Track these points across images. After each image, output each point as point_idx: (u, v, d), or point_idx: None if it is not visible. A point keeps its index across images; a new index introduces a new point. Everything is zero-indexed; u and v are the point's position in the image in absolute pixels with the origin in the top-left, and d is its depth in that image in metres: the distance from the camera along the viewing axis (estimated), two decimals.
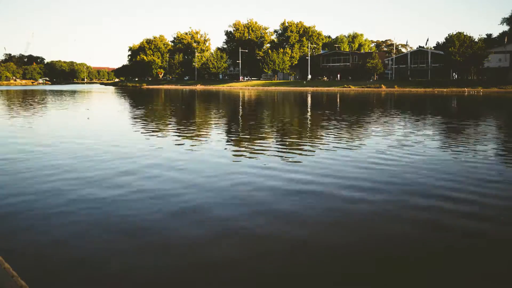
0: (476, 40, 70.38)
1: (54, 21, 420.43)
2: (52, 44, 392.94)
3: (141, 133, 16.00)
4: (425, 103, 39.00)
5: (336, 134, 15.34)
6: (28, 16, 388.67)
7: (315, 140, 14.17)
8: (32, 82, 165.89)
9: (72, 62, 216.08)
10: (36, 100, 42.41)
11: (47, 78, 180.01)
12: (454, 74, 75.82)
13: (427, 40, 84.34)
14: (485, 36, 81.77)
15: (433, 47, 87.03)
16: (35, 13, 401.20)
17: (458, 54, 68.48)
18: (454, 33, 71.13)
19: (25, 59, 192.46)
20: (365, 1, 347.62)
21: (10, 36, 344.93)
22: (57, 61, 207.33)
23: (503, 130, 17.96)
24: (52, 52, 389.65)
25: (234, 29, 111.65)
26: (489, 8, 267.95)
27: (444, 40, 72.75)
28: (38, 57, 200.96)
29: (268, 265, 4.74)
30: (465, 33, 70.35)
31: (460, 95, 52.14)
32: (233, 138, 14.88)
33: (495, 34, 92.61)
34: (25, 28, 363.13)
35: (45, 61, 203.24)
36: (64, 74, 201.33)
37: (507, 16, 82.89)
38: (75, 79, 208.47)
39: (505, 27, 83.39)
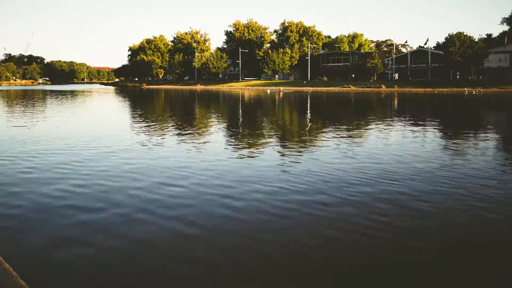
0: (476, 40, 70.29)
1: (54, 21, 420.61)
2: (52, 44, 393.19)
3: (146, 137, 15.99)
4: (428, 104, 38.97)
5: (335, 137, 15.33)
6: (28, 16, 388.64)
7: (315, 144, 14.17)
8: (32, 82, 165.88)
9: (72, 62, 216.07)
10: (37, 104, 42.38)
11: (47, 78, 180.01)
12: (457, 75, 75.72)
13: (427, 39, 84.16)
14: (485, 36, 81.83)
15: (433, 47, 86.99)
16: (35, 13, 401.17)
17: (458, 54, 68.40)
18: (454, 33, 71.04)
19: (25, 59, 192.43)
20: (365, 1, 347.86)
21: (10, 36, 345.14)
22: (57, 61, 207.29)
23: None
24: (52, 52, 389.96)
25: (234, 29, 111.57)
26: (489, 8, 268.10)
27: (444, 40, 72.64)
28: (38, 57, 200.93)
29: (268, 265, 4.73)
30: (465, 33, 70.26)
31: (460, 95, 52.14)
32: (234, 143, 14.90)
33: (495, 34, 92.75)
34: (25, 28, 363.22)
35: (45, 61, 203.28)
36: (64, 74, 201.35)
37: (507, 16, 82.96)
38: (75, 79, 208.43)
39: (505, 27, 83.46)
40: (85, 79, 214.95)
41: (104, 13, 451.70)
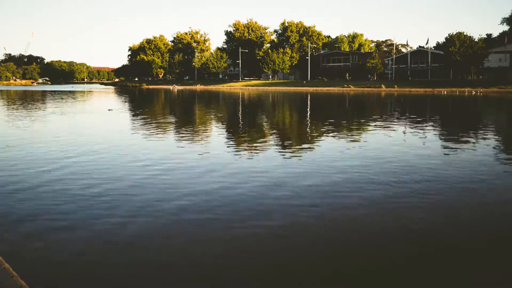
0: (476, 40, 70.30)
1: (54, 21, 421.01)
2: (52, 44, 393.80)
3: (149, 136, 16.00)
4: (433, 106, 38.95)
5: (334, 137, 15.33)
6: (28, 16, 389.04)
7: (315, 144, 14.16)
8: (32, 82, 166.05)
9: (72, 62, 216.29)
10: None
11: (47, 78, 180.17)
12: (458, 76, 75.72)
13: (427, 40, 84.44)
14: (485, 36, 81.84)
15: (433, 47, 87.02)
16: (35, 13, 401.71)
17: (458, 54, 68.41)
18: (454, 33, 71.06)
19: (25, 59, 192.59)
20: (365, 1, 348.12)
21: (10, 36, 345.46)
22: (57, 61, 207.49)
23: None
24: (52, 52, 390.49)
25: (234, 29, 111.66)
26: (489, 8, 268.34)
27: (444, 40, 72.69)
28: (38, 57, 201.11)
29: (266, 264, 4.73)
30: (465, 33, 70.29)
31: (461, 95, 52.17)
32: (235, 142, 14.89)
33: (495, 34, 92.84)
34: (25, 28, 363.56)
35: (45, 61, 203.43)
36: (64, 74, 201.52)
37: (507, 16, 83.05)
38: (75, 79, 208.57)
39: (505, 27, 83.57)
40: (85, 79, 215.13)
41: (104, 13, 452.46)
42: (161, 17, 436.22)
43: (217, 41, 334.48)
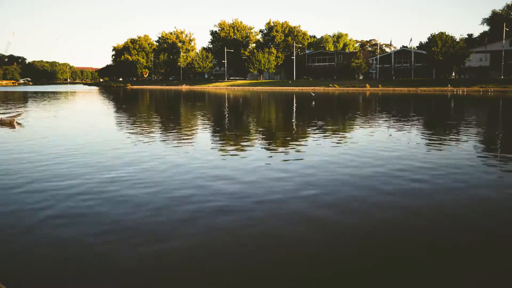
0: (457, 40, 71.51)
1: (36, 21, 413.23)
2: (34, 44, 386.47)
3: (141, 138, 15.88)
4: (422, 105, 39.38)
5: (322, 136, 15.45)
6: (8, 15, 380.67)
7: (304, 143, 14.24)
8: (13, 83, 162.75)
9: (54, 62, 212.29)
10: None
11: (29, 79, 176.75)
12: (441, 74, 76.92)
13: (411, 39, 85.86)
14: (466, 36, 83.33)
15: (416, 46, 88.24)
16: (16, 13, 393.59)
17: (440, 54, 69.48)
18: (436, 33, 72.18)
19: (6, 59, 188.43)
20: (350, 1, 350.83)
21: None
22: (38, 61, 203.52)
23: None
24: (33, 52, 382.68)
25: (220, 28, 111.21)
26: (470, 9, 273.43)
27: (427, 40, 73.76)
28: (19, 57, 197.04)
29: (258, 261, 4.77)
30: (447, 33, 71.44)
31: (444, 94, 53.04)
32: (222, 142, 14.87)
33: (475, 34, 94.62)
34: (5, 28, 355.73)
35: (26, 61, 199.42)
36: (46, 74, 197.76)
37: (487, 16, 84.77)
38: (57, 80, 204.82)
39: (486, 27, 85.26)
40: (68, 79, 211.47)
41: (87, 12, 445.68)
42: (146, 16, 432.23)
43: (202, 41, 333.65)
